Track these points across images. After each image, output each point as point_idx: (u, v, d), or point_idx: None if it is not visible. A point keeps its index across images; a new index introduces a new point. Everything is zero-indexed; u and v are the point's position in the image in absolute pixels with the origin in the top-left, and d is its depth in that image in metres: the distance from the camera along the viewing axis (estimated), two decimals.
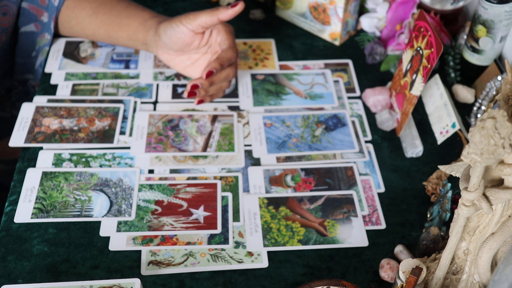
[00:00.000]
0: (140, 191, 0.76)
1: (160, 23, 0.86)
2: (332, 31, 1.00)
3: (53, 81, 0.91)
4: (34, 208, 0.74)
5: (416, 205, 0.77)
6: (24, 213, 0.73)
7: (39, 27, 0.93)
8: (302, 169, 0.80)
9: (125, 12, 0.89)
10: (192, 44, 0.85)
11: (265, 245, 0.71)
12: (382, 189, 0.79)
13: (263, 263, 0.70)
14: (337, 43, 1.01)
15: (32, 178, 0.77)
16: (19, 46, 0.94)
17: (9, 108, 1.02)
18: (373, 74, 0.96)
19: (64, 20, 0.92)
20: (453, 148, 0.84)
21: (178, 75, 0.93)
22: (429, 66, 0.77)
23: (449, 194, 0.72)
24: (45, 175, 0.77)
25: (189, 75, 0.90)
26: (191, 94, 0.83)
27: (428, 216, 0.75)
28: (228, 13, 0.80)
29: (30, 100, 0.88)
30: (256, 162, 0.81)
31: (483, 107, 0.86)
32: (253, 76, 0.94)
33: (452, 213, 0.72)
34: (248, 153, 0.82)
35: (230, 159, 0.81)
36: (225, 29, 0.84)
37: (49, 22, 0.92)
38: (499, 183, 0.53)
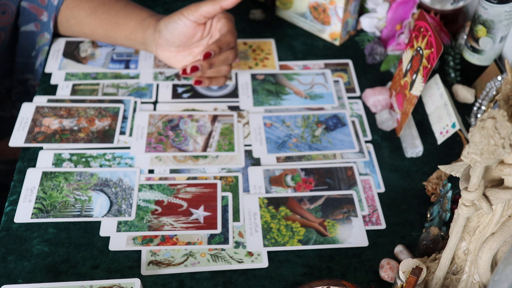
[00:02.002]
0: (140, 191, 0.76)
1: (159, 20, 0.86)
2: (332, 31, 1.00)
3: (53, 81, 0.91)
4: (34, 208, 0.74)
5: (416, 205, 0.77)
6: (24, 213, 0.73)
7: (38, 27, 0.93)
8: (302, 169, 0.80)
9: (123, 11, 0.89)
10: (194, 37, 0.85)
11: (265, 245, 0.71)
12: (382, 189, 0.79)
13: (263, 263, 0.70)
14: (337, 43, 1.01)
15: (32, 178, 0.77)
16: (19, 46, 0.94)
17: (9, 108, 1.02)
18: (373, 74, 0.96)
19: (63, 19, 0.93)
20: (453, 148, 0.84)
21: (178, 75, 0.93)
22: (429, 66, 0.77)
23: (449, 194, 0.72)
24: (45, 175, 0.77)
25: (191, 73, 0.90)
26: (188, 74, 0.83)
27: (428, 216, 0.75)
28: (230, 1, 0.80)
29: (30, 100, 0.88)
30: (256, 162, 0.81)
31: (483, 107, 0.86)
32: (253, 76, 0.94)
33: (452, 213, 0.72)
34: (248, 153, 0.82)
35: (230, 159, 0.81)
36: (225, 16, 0.84)
37: (48, 22, 0.92)
38: (499, 183, 0.53)
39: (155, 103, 0.89)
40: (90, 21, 0.91)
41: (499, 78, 0.83)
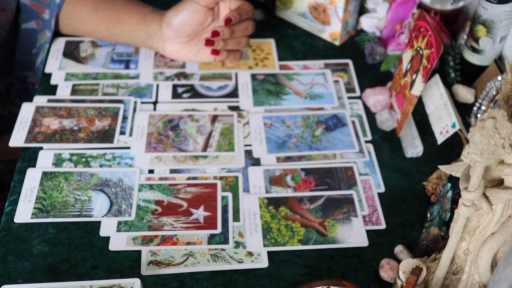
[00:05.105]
0: (140, 191, 0.76)
1: (162, 15, 0.86)
2: (332, 31, 1.00)
3: (53, 81, 0.91)
4: (34, 208, 0.74)
5: (416, 205, 0.77)
6: (24, 213, 0.73)
7: (40, 24, 0.93)
8: (302, 169, 0.80)
9: (126, 7, 0.90)
10: (205, 22, 0.85)
11: (265, 245, 0.71)
12: (382, 189, 0.79)
13: (263, 263, 0.70)
14: (337, 43, 1.01)
15: (32, 178, 0.77)
16: (20, 43, 0.94)
17: (8, 105, 1.02)
18: (373, 74, 0.96)
19: (65, 17, 0.92)
20: (453, 148, 0.84)
21: (178, 75, 0.93)
22: (429, 66, 0.77)
23: (449, 194, 0.72)
24: (45, 175, 0.77)
25: (202, 60, 0.90)
26: (210, 42, 0.84)
27: (428, 216, 0.75)
28: None
29: (29, 97, 0.88)
30: (256, 162, 0.81)
31: (483, 107, 0.86)
32: (253, 76, 0.94)
33: (452, 213, 0.72)
34: (248, 153, 0.82)
35: (230, 159, 0.81)
36: None
37: (50, 20, 0.92)
38: (499, 183, 0.53)
39: (155, 103, 0.89)
40: (92, 17, 0.91)
41: (499, 78, 0.83)
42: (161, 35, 0.87)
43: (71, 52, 0.95)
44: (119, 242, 0.71)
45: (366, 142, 0.85)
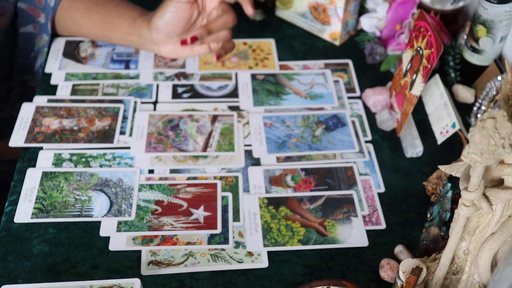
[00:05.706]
0: (140, 191, 0.76)
1: (149, 19, 0.86)
2: (332, 31, 1.00)
3: (53, 81, 0.91)
4: (34, 208, 0.74)
5: (416, 205, 0.77)
6: (24, 213, 0.73)
7: (37, 28, 0.93)
8: (302, 169, 0.80)
9: (115, 11, 0.89)
10: (192, 17, 0.85)
11: (265, 245, 0.71)
12: (382, 189, 0.79)
13: (263, 263, 0.70)
14: (337, 43, 1.01)
15: (32, 178, 0.77)
16: (18, 47, 0.93)
17: (8, 109, 1.02)
18: (373, 74, 0.96)
19: (61, 20, 0.93)
20: (453, 148, 0.84)
21: (178, 75, 0.93)
22: (429, 66, 0.77)
23: (449, 194, 0.72)
24: (45, 175, 0.77)
25: (199, 53, 0.90)
26: (184, 42, 0.86)
27: (428, 216, 0.75)
28: None
29: (29, 101, 0.88)
30: (256, 162, 0.81)
31: (483, 107, 0.86)
32: (253, 76, 0.94)
33: (452, 213, 0.72)
34: (248, 153, 0.82)
35: (230, 159, 0.81)
36: None
37: (46, 23, 0.92)
38: (499, 183, 0.53)
39: (155, 103, 0.89)
40: (86, 21, 0.91)
41: (499, 78, 0.83)
42: (152, 40, 0.87)
43: (71, 52, 0.95)
44: (119, 242, 0.71)
45: (366, 142, 0.85)
